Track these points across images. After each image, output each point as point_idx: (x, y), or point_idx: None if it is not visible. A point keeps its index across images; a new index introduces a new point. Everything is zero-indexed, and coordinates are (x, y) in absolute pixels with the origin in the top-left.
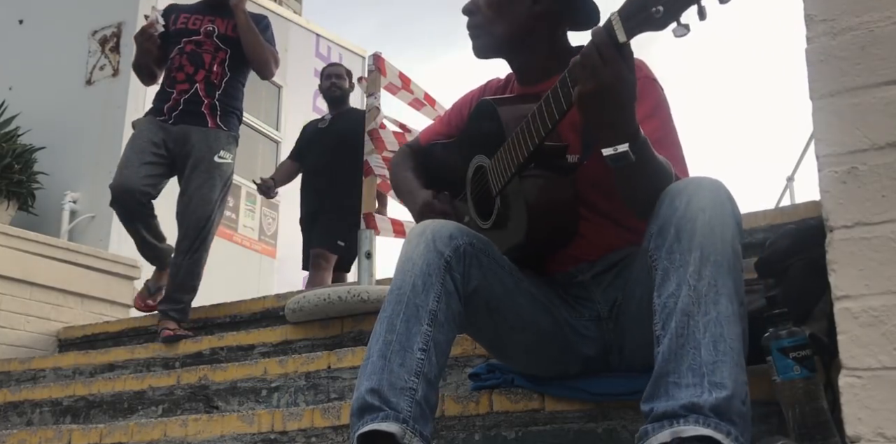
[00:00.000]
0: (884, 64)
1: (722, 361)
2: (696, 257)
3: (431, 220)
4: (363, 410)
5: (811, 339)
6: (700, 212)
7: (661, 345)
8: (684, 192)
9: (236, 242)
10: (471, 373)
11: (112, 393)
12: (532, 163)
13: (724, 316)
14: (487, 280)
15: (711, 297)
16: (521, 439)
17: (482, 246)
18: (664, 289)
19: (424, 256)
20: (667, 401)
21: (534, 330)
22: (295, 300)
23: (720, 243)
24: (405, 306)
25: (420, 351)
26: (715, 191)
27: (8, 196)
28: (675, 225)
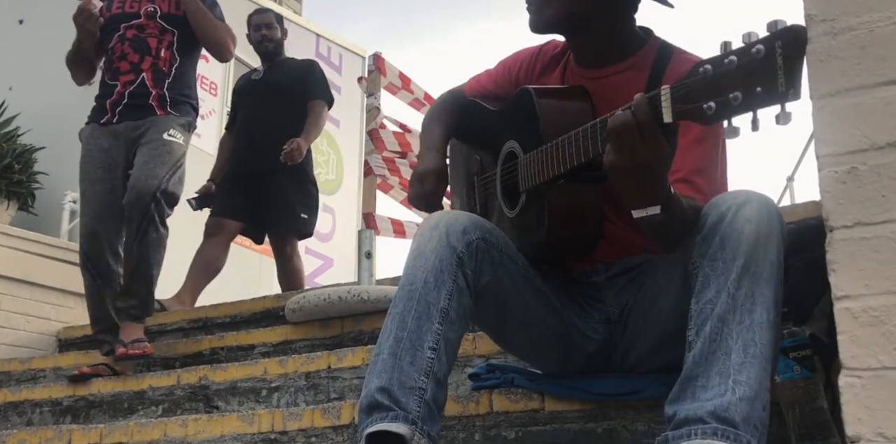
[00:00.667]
0: (884, 64)
1: (750, 363)
2: (739, 265)
3: (445, 212)
4: (372, 407)
5: (811, 339)
6: (747, 223)
7: (693, 349)
8: (733, 203)
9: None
10: (471, 373)
11: (112, 393)
12: (563, 179)
13: (758, 323)
14: (498, 275)
15: (748, 306)
16: (521, 439)
17: (495, 240)
18: (703, 295)
19: (437, 251)
20: (691, 403)
21: (540, 326)
22: (295, 300)
23: (763, 254)
24: (416, 303)
25: (430, 350)
26: (763, 204)
27: (8, 196)
28: (720, 234)
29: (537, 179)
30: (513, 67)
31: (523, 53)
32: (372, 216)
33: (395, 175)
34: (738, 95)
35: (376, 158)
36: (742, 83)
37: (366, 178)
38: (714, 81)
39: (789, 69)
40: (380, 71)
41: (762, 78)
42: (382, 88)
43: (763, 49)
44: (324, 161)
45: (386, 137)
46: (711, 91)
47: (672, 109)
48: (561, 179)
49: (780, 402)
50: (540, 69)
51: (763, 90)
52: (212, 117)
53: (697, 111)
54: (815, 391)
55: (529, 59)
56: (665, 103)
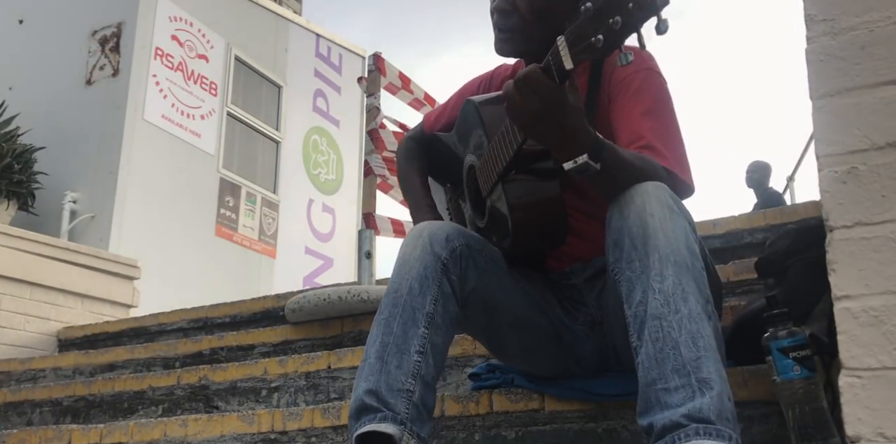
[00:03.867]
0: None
1: (704, 357)
2: (656, 259)
3: (428, 222)
4: (361, 411)
5: (811, 339)
6: (649, 217)
7: (640, 355)
8: (631, 201)
9: (236, 242)
10: (471, 373)
11: (112, 393)
12: (513, 170)
13: (696, 313)
14: (484, 281)
15: (679, 295)
16: (521, 439)
17: (479, 247)
18: (632, 299)
19: (421, 259)
20: (662, 412)
21: (531, 329)
22: (295, 300)
23: (675, 243)
24: (402, 309)
25: (417, 354)
26: (659, 194)
27: (8, 196)
28: (628, 234)
29: (492, 180)
30: (467, 94)
31: (476, 80)
32: (372, 216)
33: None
34: (618, 19)
35: (376, 158)
36: (617, 7)
37: (366, 178)
38: (595, 14)
39: None
40: (380, 71)
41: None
42: (382, 88)
43: None
44: (324, 161)
45: (386, 137)
46: (596, 25)
47: (570, 55)
48: (511, 172)
49: (780, 402)
50: (495, 89)
51: (634, 5)
52: (212, 117)
53: (590, 48)
54: (815, 391)
55: (486, 82)
56: (563, 52)
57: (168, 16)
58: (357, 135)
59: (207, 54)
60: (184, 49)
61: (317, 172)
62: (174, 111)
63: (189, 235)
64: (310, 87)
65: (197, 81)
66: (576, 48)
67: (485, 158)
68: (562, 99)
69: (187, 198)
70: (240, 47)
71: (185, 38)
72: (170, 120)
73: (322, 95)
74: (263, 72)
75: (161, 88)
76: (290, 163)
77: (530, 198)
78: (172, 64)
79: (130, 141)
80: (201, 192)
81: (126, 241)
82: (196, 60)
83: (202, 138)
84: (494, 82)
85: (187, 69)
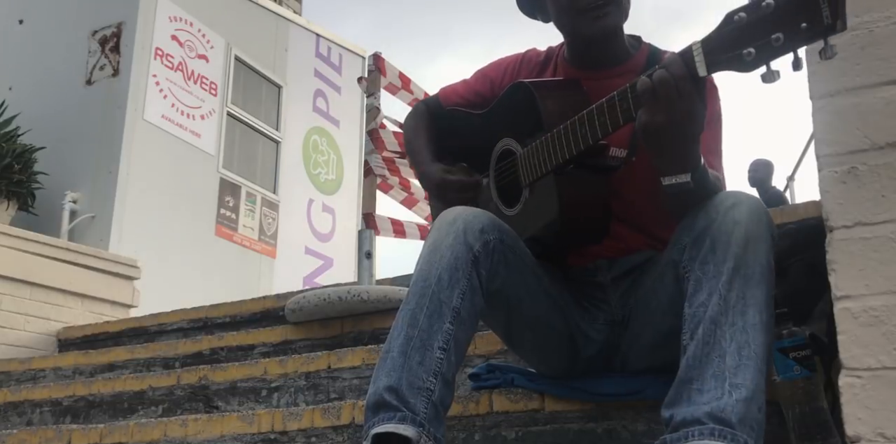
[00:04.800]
0: (884, 64)
1: (745, 365)
2: (729, 267)
3: (463, 208)
4: (379, 406)
5: (811, 339)
6: (736, 225)
7: (687, 352)
8: (721, 205)
9: (236, 242)
10: (471, 373)
11: (112, 393)
12: (572, 164)
13: (751, 325)
14: (512, 279)
15: (740, 308)
16: (521, 439)
17: (511, 242)
18: (695, 299)
19: (453, 248)
20: (688, 407)
21: (547, 329)
22: (295, 300)
23: (753, 255)
24: (429, 301)
25: (440, 350)
26: (752, 206)
27: (8, 196)
28: (710, 236)
29: (542, 170)
30: (496, 75)
31: (506, 61)
32: (372, 216)
33: (395, 175)
34: (780, 36)
35: (376, 158)
36: (782, 23)
37: (366, 178)
38: (750, 26)
39: (832, 1)
40: (380, 71)
41: (805, 14)
42: (382, 88)
43: None
44: (324, 161)
45: (386, 137)
46: (748, 37)
47: (705, 62)
48: (570, 165)
49: (780, 402)
50: (525, 73)
51: (807, 26)
52: (212, 117)
53: (735, 59)
54: (815, 391)
55: (514, 66)
56: (698, 58)
57: (168, 16)
58: (357, 135)
59: (207, 54)
60: (184, 49)
61: (317, 172)
62: (174, 111)
63: (189, 235)
64: (310, 87)
65: (197, 81)
66: (715, 57)
67: (536, 147)
68: (700, 110)
69: (187, 198)
70: (240, 47)
71: (185, 38)
72: (170, 120)
73: (322, 95)
74: (263, 72)
75: (161, 88)
76: (290, 163)
77: (582, 194)
78: (172, 64)
79: (130, 141)
80: (201, 192)
81: (126, 241)
82: (196, 60)
83: (202, 138)
84: (524, 67)
85: (187, 69)
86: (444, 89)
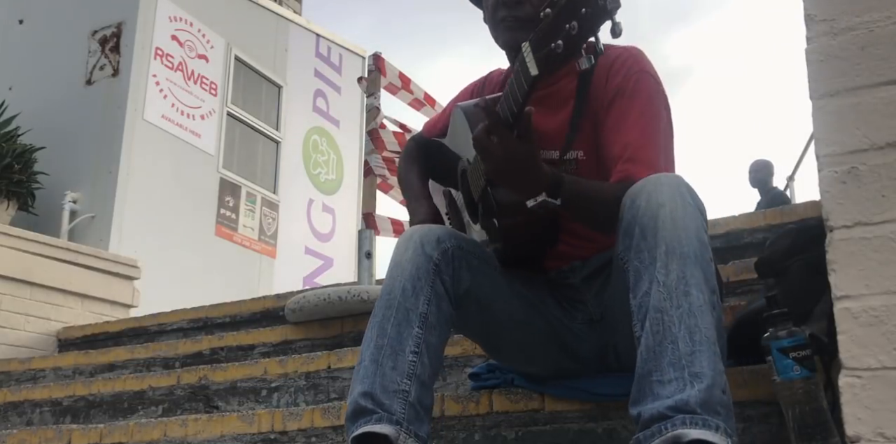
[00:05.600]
0: (884, 64)
1: (699, 351)
2: (662, 252)
3: (419, 226)
4: (357, 413)
5: (811, 339)
6: (660, 207)
7: (641, 345)
8: (643, 191)
9: (236, 242)
10: (471, 373)
11: (112, 393)
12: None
13: (696, 306)
14: (478, 281)
15: (682, 289)
16: (521, 439)
17: (471, 248)
18: (638, 289)
19: (413, 260)
20: (652, 402)
21: (526, 330)
22: (295, 300)
23: (684, 234)
24: (395, 311)
25: (412, 354)
26: (673, 185)
27: (8, 196)
28: (638, 224)
29: (480, 185)
30: (461, 100)
31: (471, 85)
32: (372, 216)
33: (395, 175)
34: (574, 24)
35: (376, 158)
36: (573, 13)
37: (366, 178)
38: (554, 21)
39: None
40: (380, 71)
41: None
42: (382, 88)
43: None
44: (324, 161)
45: (386, 137)
46: (555, 30)
47: (535, 60)
48: None
49: (780, 402)
50: (488, 94)
51: (588, 10)
52: (212, 117)
53: (552, 54)
54: (815, 391)
55: (479, 88)
56: (528, 58)
57: (168, 16)
58: (357, 135)
59: (207, 54)
60: (184, 49)
61: (317, 172)
62: (174, 111)
63: (189, 235)
64: (310, 87)
65: (197, 81)
66: (539, 53)
67: (474, 162)
68: (522, 147)
69: (187, 198)
70: (240, 47)
71: (185, 38)
72: (170, 120)
73: (322, 95)
74: (263, 72)
75: (161, 88)
76: (290, 163)
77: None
78: (172, 64)
79: (130, 141)
80: (201, 192)
81: (126, 241)
82: (196, 60)
83: (202, 138)
84: (487, 87)
85: (187, 69)
86: (426, 123)
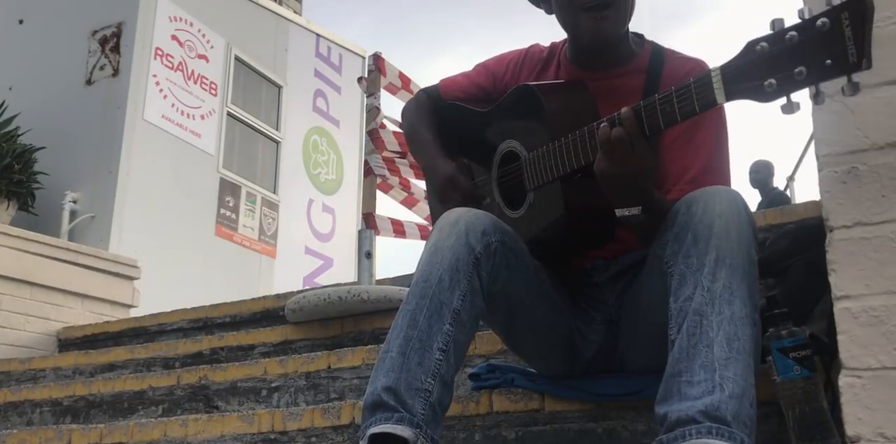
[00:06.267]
0: (884, 64)
1: (735, 358)
2: (712, 259)
3: (465, 209)
4: (377, 406)
5: (811, 339)
6: (717, 217)
7: (674, 345)
8: (701, 199)
9: (236, 242)
10: (471, 373)
11: (112, 393)
12: (580, 174)
13: (738, 317)
14: (513, 282)
15: (726, 298)
16: (521, 439)
17: (512, 244)
18: (680, 293)
19: (454, 249)
20: (680, 403)
21: (548, 332)
22: (295, 300)
23: (736, 247)
24: (430, 301)
25: (439, 351)
26: (731, 198)
27: (8, 196)
28: (692, 230)
29: (548, 176)
30: (498, 70)
31: (508, 56)
32: (372, 216)
33: (395, 175)
34: (803, 70)
35: (376, 158)
36: (806, 57)
37: (366, 178)
38: (773, 57)
39: (858, 39)
40: (380, 71)
41: (829, 50)
42: (382, 88)
43: (828, 22)
44: (324, 161)
45: (386, 136)
46: (770, 68)
47: (724, 89)
48: (577, 175)
49: (780, 402)
50: (528, 70)
51: (832, 63)
52: (212, 117)
53: (756, 89)
54: (815, 391)
55: (518, 62)
56: (717, 85)
57: (168, 16)
58: (357, 135)
59: (207, 54)
60: (184, 49)
61: (317, 172)
62: (174, 111)
63: (189, 235)
64: (310, 87)
65: (197, 81)
66: (734, 85)
67: (542, 153)
68: (652, 162)
69: (187, 198)
70: (240, 47)
71: (185, 38)
72: (170, 120)
73: (322, 95)
74: (263, 72)
75: (161, 88)
76: (290, 163)
77: (588, 200)
78: (172, 64)
79: (130, 141)
80: (201, 192)
81: (126, 241)
82: (196, 60)
83: (202, 138)
84: (527, 63)
85: (187, 69)
86: (445, 81)
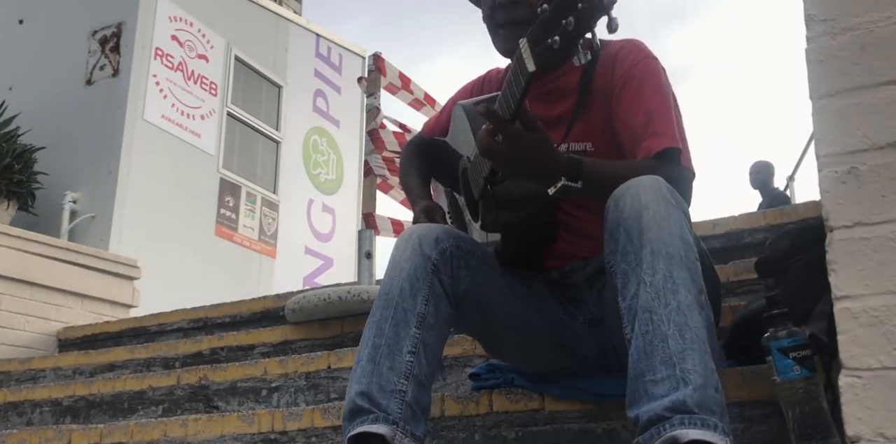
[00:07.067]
0: (884, 64)
1: (690, 348)
2: (648, 252)
3: (417, 225)
4: (353, 413)
5: (811, 339)
6: (644, 209)
7: (632, 346)
8: (626, 194)
9: (236, 242)
10: (471, 373)
11: (112, 393)
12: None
13: (685, 305)
14: (477, 281)
15: (669, 288)
16: (521, 439)
17: (470, 248)
18: (626, 292)
19: (411, 259)
20: (648, 403)
21: (526, 330)
22: (295, 300)
23: (668, 235)
24: (393, 311)
25: (409, 354)
26: (655, 187)
27: (8, 196)
28: (623, 227)
29: (481, 180)
30: (460, 99)
31: (469, 84)
32: (372, 216)
33: (395, 175)
34: (571, 20)
35: (376, 158)
36: (570, 9)
37: (366, 178)
38: (551, 16)
39: None
40: (380, 71)
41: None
42: (382, 88)
43: None
44: (324, 161)
45: (386, 137)
46: (552, 26)
47: (532, 56)
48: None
49: (780, 402)
50: (487, 92)
51: (585, 6)
52: (212, 117)
53: (548, 49)
54: (815, 391)
55: (476, 87)
56: (525, 53)
57: (168, 16)
58: (357, 135)
59: (207, 54)
60: (184, 49)
61: (317, 172)
62: (174, 111)
63: (189, 235)
64: (310, 87)
65: (197, 81)
66: (536, 49)
67: (474, 160)
68: (523, 143)
69: (187, 198)
70: (240, 47)
71: (185, 38)
72: (170, 120)
73: (322, 95)
74: (263, 72)
75: (161, 88)
76: (290, 163)
77: (517, 198)
78: (172, 64)
79: (130, 141)
80: (201, 192)
81: (126, 241)
82: (196, 60)
83: (202, 138)
84: (485, 86)
85: (187, 69)
86: (424, 124)
